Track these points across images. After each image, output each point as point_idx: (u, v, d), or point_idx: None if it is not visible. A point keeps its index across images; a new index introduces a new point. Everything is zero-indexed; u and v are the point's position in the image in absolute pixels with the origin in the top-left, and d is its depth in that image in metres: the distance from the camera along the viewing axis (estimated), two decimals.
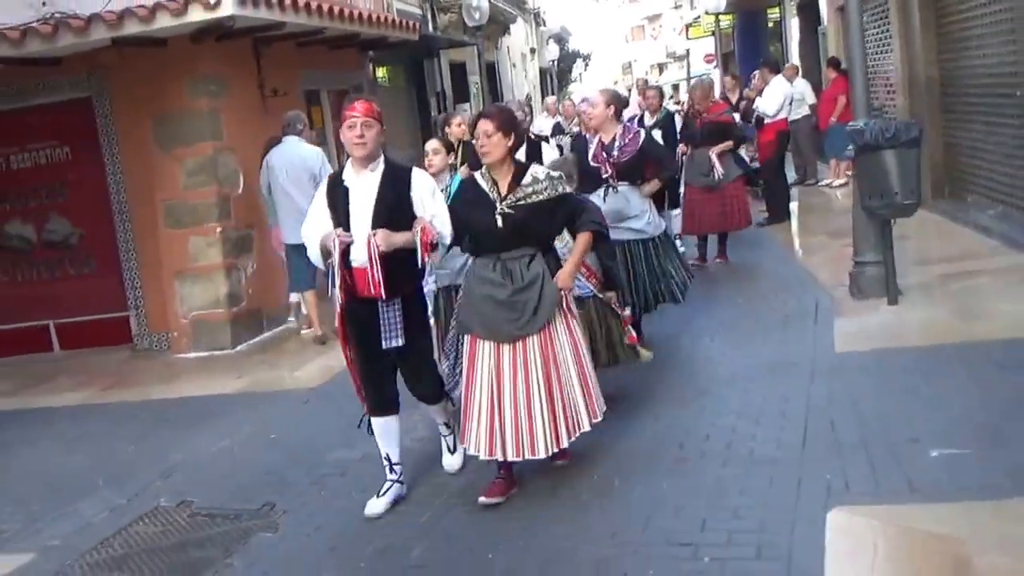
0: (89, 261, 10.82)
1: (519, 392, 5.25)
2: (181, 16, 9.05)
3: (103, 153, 10.41)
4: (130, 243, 10.43)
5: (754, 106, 14.39)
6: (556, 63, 36.33)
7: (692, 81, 16.90)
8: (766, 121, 13.99)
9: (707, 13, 30.79)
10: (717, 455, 5.64)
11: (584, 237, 5.47)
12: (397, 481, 5.69)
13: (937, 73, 12.14)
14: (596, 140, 7.78)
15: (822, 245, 11.49)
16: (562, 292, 5.35)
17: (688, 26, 40.57)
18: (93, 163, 10.48)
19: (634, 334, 6.50)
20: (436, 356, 6.14)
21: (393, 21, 13.54)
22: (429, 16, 17.98)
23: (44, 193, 10.80)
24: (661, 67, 65.72)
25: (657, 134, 10.09)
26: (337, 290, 5.32)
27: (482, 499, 5.41)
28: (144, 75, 10.05)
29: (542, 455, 5.28)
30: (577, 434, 5.35)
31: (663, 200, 10.08)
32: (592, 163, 7.69)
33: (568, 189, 5.50)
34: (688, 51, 47.95)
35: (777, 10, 25.95)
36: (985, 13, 10.53)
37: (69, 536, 5.91)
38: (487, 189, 5.36)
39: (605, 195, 7.57)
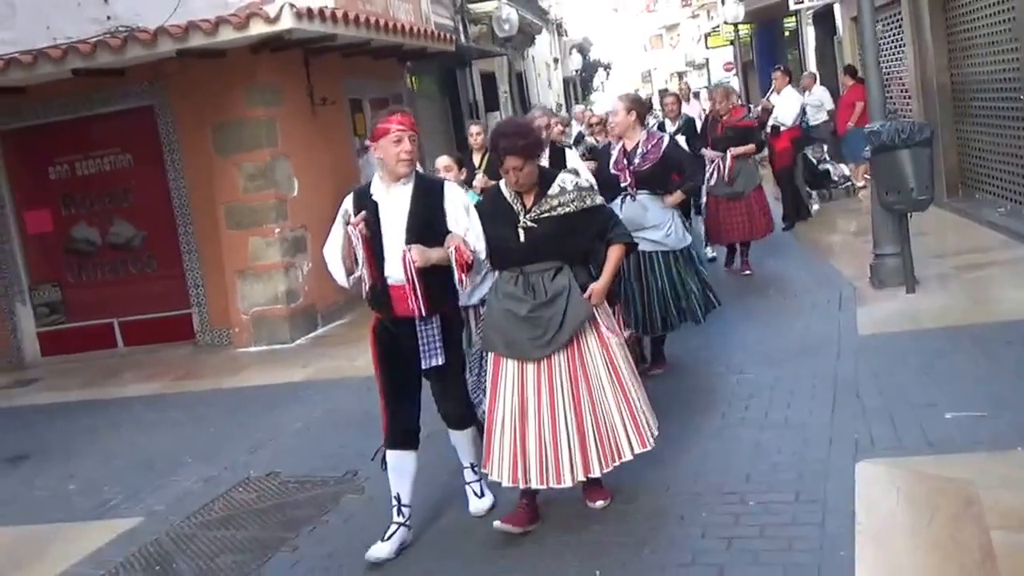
0: (151, 262, 11.64)
1: (543, 414, 5.02)
2: (243, 29, 9.82)
3: (165, 159, 11.22)
4: (192, 244, 11.21)
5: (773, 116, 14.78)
6: (579, 72, 37.14)
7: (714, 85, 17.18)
8: (781, 129, 14.38)
9: (726, 23, 31.47)
10: (756, 422, 6.37)
11: (617, 250, 5.21)
12: (404, 525, 5.34)
13: (948, 79, 12.92)
14: (619, 147, 7.68)
15: (843, 242, 12.28)
16: (594, 307, 5.14)
17: (707, 35, 41.28)
18: (155, 169, 11.29)
19: (636, 352, 6.54)
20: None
21: (432, 33, 14.38)
22: (461, 28, 18.75)
23: (108, 198, 11.63)
24: (680, 75, 66.45)
25: (680, 140, 10.03)
26: (366, 280, 5.08)
27: (497, 524, 5.15)
28: (204, 84, 10.84)
29: (567, 483, 5.03)
30: (617, 463, 5.06)
31: (687, 208, 10.03)
32: (612, 170, 7.59)
33: (598, 201, 5.22)
34: (707, 60, 48.63)
35: (793, 20, 26.57)
36: (991, 22, 11.30)
37: (171, 502, 6.59)
38: (511, 200, 5.15)
39: (622, 203, 7.44)
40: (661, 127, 11.45)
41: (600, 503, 5.31)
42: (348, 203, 5.20)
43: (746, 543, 4.69)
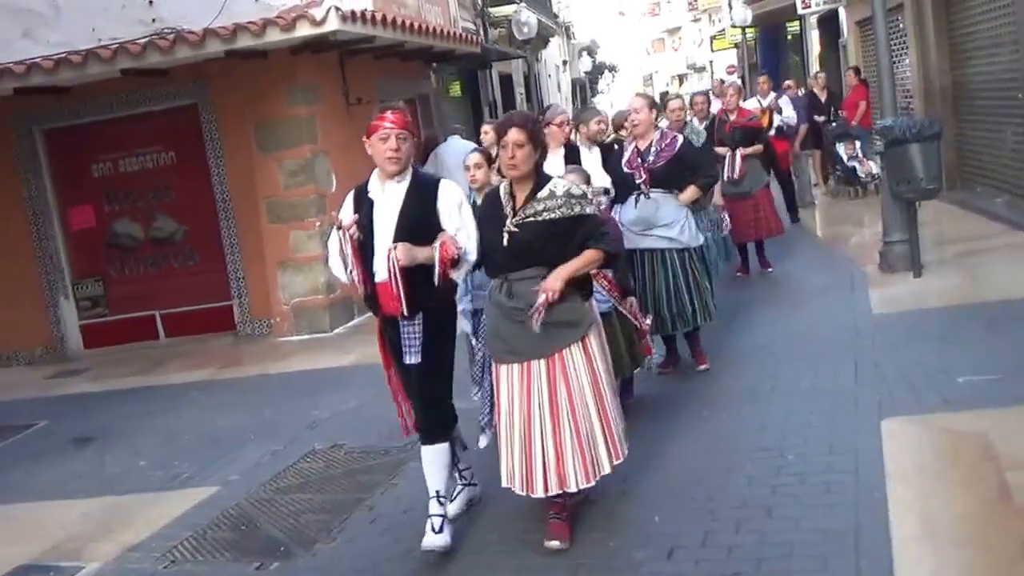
0: (193, 255, 12.17)
1: (523, 420, 4.96)
2: (290, 31, 10.33)
3: (208, 156, 11.73)
4: (234, 238, 11.71)
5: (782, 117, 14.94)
6: (588, 75, 37.82)
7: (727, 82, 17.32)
8: (785, 131, 14.68)
9: (733, 26, 32.15)
10: (785, 390, 6.99)
11: (589, 253, 4.98)
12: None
13: (949, 80, 13.64)
14: (632, 146, 7.75)
15: (850, 233, 12.88)
16: (591, 314, 5.12)
17: (713, 38, 42.00)
18: (197, 165, 11.80)
19: (650, 344, 6.66)
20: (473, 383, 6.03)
21: (460, 35, 15.02)
22: (481, 31, 19.36)
23: (151, 194, 12.14)
24: (681, 78, 67.11)
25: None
26: (358, 283, 5.10)
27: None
28: (246, 84, 11.34)
29: (540, 494, 4.97)
30: (597, 478, 4.98)
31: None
32: (626, 169, 7.66)
33: (589, 210, 5.03)
34: (711, 62, 49.35)
35: (797, 24, 27.24)
36: (990, 27, 11.99)
37: (243, 473, 7.04)
38: (504, 201, 5.05)
39: (636, 201, 7.56)
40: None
41: (556, 543, 4.99)
42: (349, 201, 5.26)
43: (788, 488, 5.29)
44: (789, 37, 29.47)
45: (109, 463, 7.86)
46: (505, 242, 4.93)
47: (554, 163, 7.33)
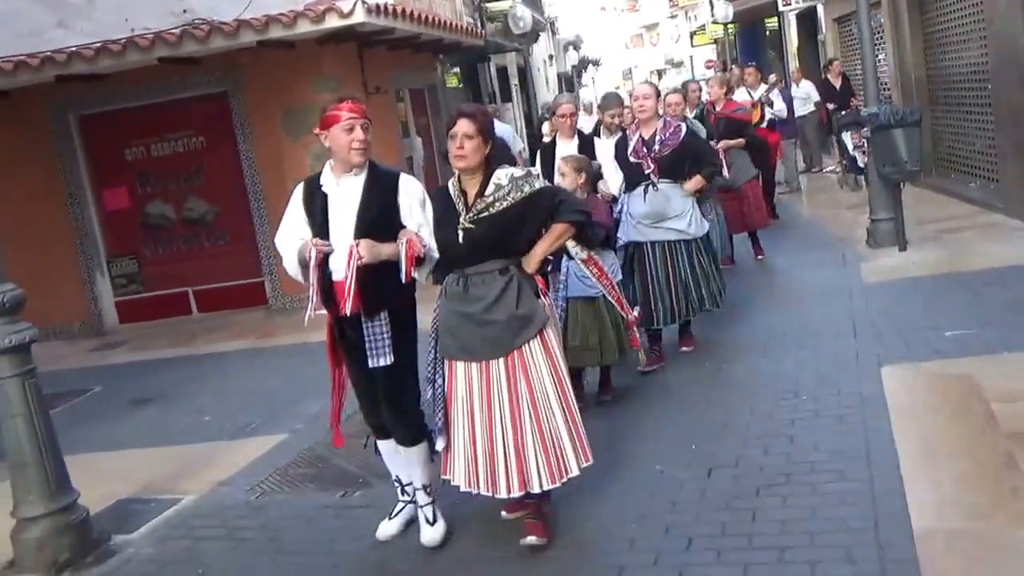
0: (223, 235, 12.91)
1: (484, 419, 4.83)
2: (319, 23, 11.03)
3: (237, 140, 12.46)
4: (264, 218, 12.34)
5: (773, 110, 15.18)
6: (574, 68, 38.64)
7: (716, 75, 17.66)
8: (776, 124, 14.88)
9: (714, 22, 33.08)
10: (792, 345, 7.86)
11: (559, 228, 4.88)
12: (411, 502, 5.40)
13: (924, 73, 14.56)
14: (636, 136, 7.82)
15: (836, 216, 13.77)
16: (545, 310, 4.93)
17: (693, 34, 42.90)
18: (227, 150, 12.54)
19: (637, 335, 6.59)
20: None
21: (466, 28, 15.80)
22: (479, 25, 20.14)
23: (182, 177, 12.88)
24: (660, 73, 67.97)
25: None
26: (312, 306, 4.86)
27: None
28: (274, 73, 12.03)
29: (503, 495, 4.86)
30: (564, 479, 4.85)
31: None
32: (632, 159, 7.72)
33: (538, 185, 4.88)
34: (691, 57, 50.25)
35: (775, 20, 28.12)
36: (961, 23, 12.89)
37: (308, 423, 7.59)
38: (455, 199, 4.90)
39: (645, 193, 7.66)
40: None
41: (532, 539, 4.94)
42: (298, 194, 5.07)
43: (805, 422, 6.14)
44: (768, 33, 30.40)
45: (173, 420, 8.45)
46: (461, 239, 4.79)
47: (568, 151, 7.56)
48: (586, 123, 18.62)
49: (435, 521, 5.21)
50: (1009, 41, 10.63)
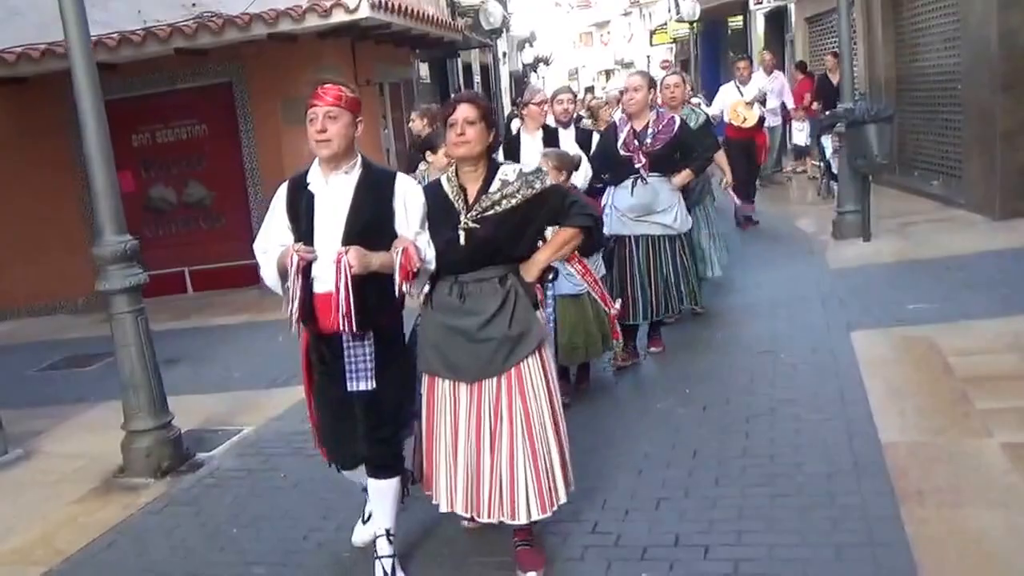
0: (220, 218, 13.99)
1: (471, 440, 4.59)
2: (327, 17, 12.15)
3: (239, 129, 13.54)
4: (259, 201, 13.36)
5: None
6: (527, 67, 39.67)
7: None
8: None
9: (679, 20, 34.21)
10: (767, 317, 9.08)
11: (567, 232, 4.65)
12: None
13: (894, 73, 15.87)
14: (627, 127, 7.80)
15: (802, 212, 15.12)
16: (543, 324, 4.72)
17: (653, 32, 44.06)
18: (229, 138, 13.61)
19: (618, 330, 6.41)
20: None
21: (448, 23, 16.98)
22: (449, 19, 21.28)
23: (184, 163, 13.94)
24: (608, 73, 68.38)
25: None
26: (294, 320, 4.44)
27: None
28: (275, 64, 13.10)
29: (484, 519, 4.67)
30: (555, 507, 4.64)
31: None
32: (623, 151, 7.73)
33: (548, 183, 4.65)
34: (648, 57, 51.29)
35: (739, 18, 29.34)
36: (931, 25, 14.20)
37: None
38: (452, 197, 4.58)
39: (633, 187, 7.70)
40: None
41: (532, 574, 4.72)
42: (282, 193, 4.71)
43: (785, 371, 7.39)
44: (730, 32, 31.53)
45: (206, 375, 9.48)
46: (463, 240, 4.48)
47: (533, 146, 8.04)
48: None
49: (393, 573, 4.84)
50: (983, 43, 11.79)
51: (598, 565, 4.79)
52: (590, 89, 36.73)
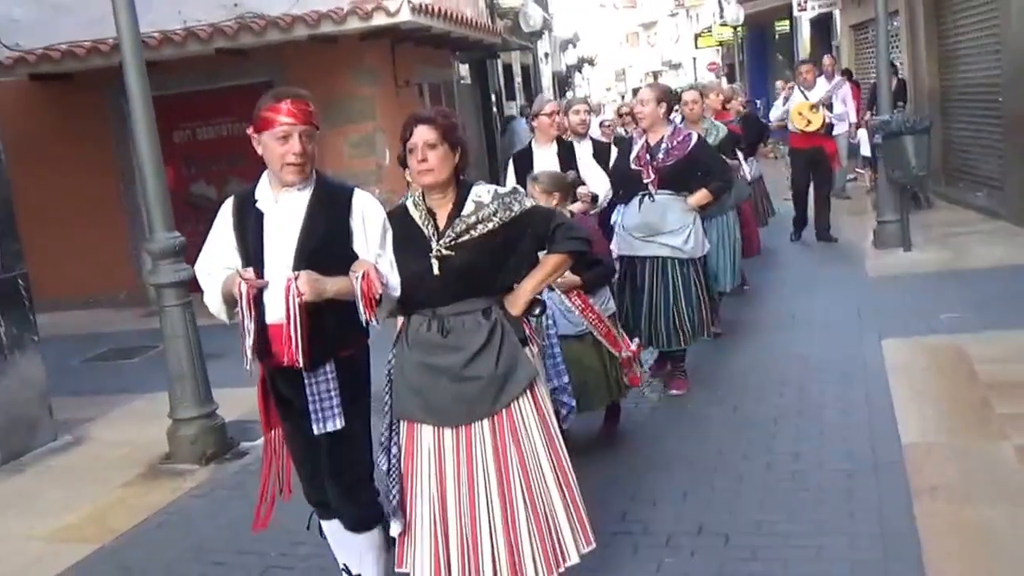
0: None
1: (462, 495, 4.16)
2: (367, 20, 12.63)
3: None
4: None
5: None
6: (571, 68, 40.03)
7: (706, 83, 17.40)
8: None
9: (723, 24, 34.56)
10: (804, 324, 9.51)
11: (555, 259, 4.31)
12: None
13: (938, 84, 16.23)
14: (642, 141, 7.61)
15: (845, 221, 15.40)
16: (533, 361, 4.31)
17: (697, 35, 44.36)
18: None
19: (637, 374, 6.27)
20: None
21: (487, 26, 17.46)
22: (489, 22, 21.72)
23: (225, 160, 14.39)
24: (656, 75, 68.11)
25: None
26: (249, 352, 4.08)
27: None
28: (315, 65, 13.49)
29: None
30: (562, 568, 4.24)
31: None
32: (634, 166, 7.50)
33: (528, 204, 4.30)
34: (694, 59, 51.48)
35: (786, 23, 29.55)
36: (975, 35, 14.55)
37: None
38: (420, 223, 4.24)
39: (640, 203, 7.42)
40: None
41: None
42: (227, 211, 4.40)
43: (815, 375, 7.79)
44: (777, 37, 31.74)
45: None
46: (436, 270, 4.14)
47: (546, 159, 7.80)
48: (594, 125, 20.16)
49: None
50: (1022, 55, 12.17)
51: (625, 550, 5.19)
52: (637, 91, 36.97)
